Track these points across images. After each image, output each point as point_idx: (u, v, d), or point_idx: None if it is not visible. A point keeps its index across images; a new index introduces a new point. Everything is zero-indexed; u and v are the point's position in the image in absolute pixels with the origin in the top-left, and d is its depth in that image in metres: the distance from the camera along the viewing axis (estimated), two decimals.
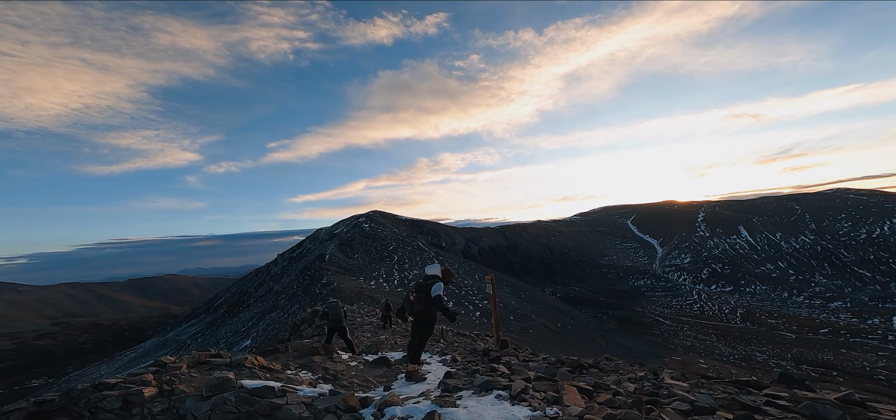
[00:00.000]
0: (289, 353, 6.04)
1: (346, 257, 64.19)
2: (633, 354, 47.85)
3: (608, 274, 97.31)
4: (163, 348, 64.38)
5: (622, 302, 78.19)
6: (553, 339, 44.15)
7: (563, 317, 57.88)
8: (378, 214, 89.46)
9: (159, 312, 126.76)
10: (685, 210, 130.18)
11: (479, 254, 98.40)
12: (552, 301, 69.20)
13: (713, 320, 66.48)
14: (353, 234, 73.07)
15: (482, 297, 52.99)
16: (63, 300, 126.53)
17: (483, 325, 40.43)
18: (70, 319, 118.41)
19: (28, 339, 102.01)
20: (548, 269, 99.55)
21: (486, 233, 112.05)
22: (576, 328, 54.05)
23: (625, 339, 55.69)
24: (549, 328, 48.81)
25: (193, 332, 67.30)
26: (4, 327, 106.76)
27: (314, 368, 4.81)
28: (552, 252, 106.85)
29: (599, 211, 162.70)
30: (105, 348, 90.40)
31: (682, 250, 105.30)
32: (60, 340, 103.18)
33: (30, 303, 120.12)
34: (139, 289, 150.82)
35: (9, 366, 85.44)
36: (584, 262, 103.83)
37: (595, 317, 68.43)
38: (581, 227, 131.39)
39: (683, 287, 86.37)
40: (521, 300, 58.99)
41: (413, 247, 71.86)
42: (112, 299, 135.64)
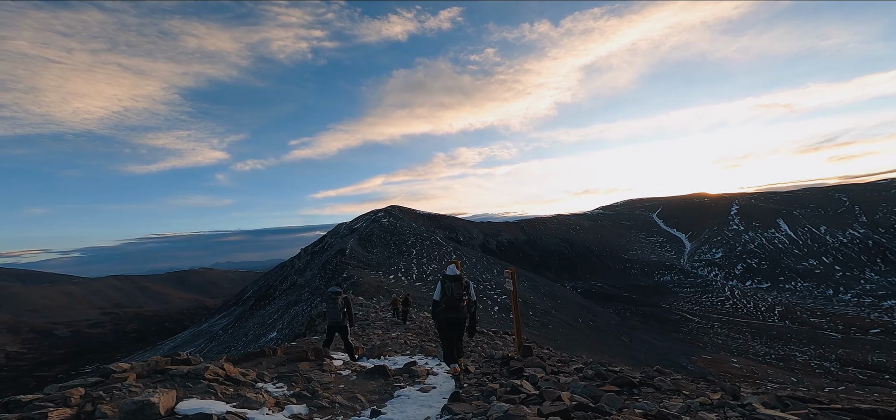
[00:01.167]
0: (275, 357, 5.23)
1: (366, 252, 64.42)
2: (659, 352, 45.22)
3: (632, 269, 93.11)
4: (198, 339, 67.13)
5: (647, 298, 74.52)
6: (574, 336, 42.29)
7: (585, 313, 55.61)
8: (396, 209, 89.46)
9: (195, 304, 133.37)
10: (717, 203, 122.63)
11: (497, 248, 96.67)
12: (573, 296, 66.83)
13: (748, 318, 62.01)
14: (372, 229, 73.30)
15: (501, 292, 51.61)
16: (111, 292, 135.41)
17: (501, 322, 39.17)
18: (117, 310, 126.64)
19: (81, 328, 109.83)
20: (568, 263, 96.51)
21: (504, 227, 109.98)
22: (598, 324, 51.76)
23: (650, 336, 52.86)
24: (570, 324, 46.88)
25: (225, 324, 69.78)
26: (62, 317, 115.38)
27: (294, 380, 3.94)
28: (573, 246, 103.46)
29: (623, 204, 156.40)
30: (148, 338, 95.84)
31: (713, 245, 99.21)
32: (109, 330, 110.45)
33: (82, 294, 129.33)
34: (176, 281, 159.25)
35: (65, 352, 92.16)
36: (606, 256, 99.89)
37: (618, 313, 65.52)
38: (603, 222, 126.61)
39: (714, 283, 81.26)
40: (540, 295, 57.15)
41: (431, 241, 71.24)
42: (153, 291, 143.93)
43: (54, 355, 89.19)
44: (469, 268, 62.70)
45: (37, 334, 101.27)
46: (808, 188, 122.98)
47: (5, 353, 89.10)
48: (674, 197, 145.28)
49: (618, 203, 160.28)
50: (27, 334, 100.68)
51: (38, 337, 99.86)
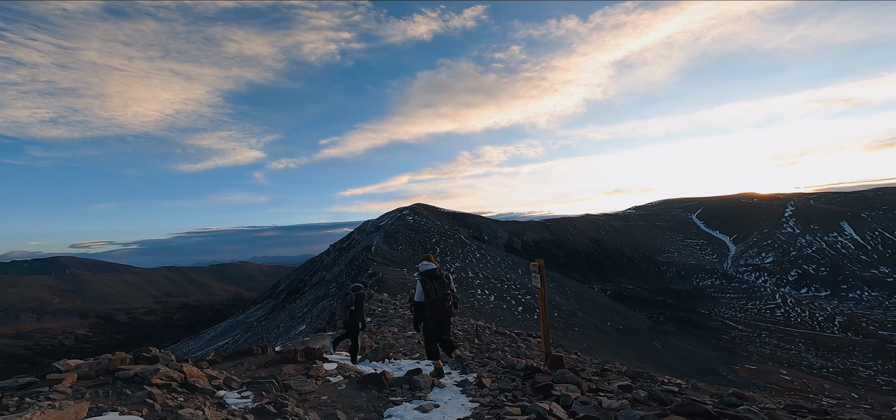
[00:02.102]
0: (262, 357, 4.62)
1: (391, 249, 64.75)
2: (696, 360, 41.66)
3: (667, 272, 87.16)
4: (235, 329, 70.67)
5: (683, 302, 69.34)
6: (602, 339, 39.82)
7: (614, 315, 52.48)
8: (421, 207, 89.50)
9: (233, 296, 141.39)
10: (768, 203, 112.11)
11: (522, 248, 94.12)
12: (601, 298, 63.46)
13: (801, 327, 55.84)
14: (397, 227, 73.68)
15: (525, 292, 49.83)
16: (163, 282, 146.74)
17: (525, 322, 37.62)
18: (168, 299, 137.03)
19: (138, 315, 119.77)
20: (597, 265, 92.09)
21: (529, 226, 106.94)
22: (628, 328, 48.58)
23: (685, 343, 48.91)
24: (598, 327, 44.28)
25: (259, 316, 72.96)
26: (121, 304, 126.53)
27: (266, 388, 3.25)
28: (602, 247, 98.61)
29: (658, 204, 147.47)
30: (193, 326, 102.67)
31: (763, 248, 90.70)
32: (161, 317, 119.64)
33: (139, 283, 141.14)
34: (218, 274, 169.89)
35: (124, 338, 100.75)
36: (638, 258, 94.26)
37: (650, 317, 61.40)
38: (636, 222, 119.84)
39: (763, 289, 74.10)
40: (566, 296, 54.67)
41: (455, 240, 70.44)
42: (198, 282, 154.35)
43: (115, 340, 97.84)
44: (493, 267, 61.28)
45: (101, 319, 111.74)
46: (878, 188, 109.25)
47: (75, 335, 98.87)
48: (716, 197, 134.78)
49: (653, 203, 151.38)
50: (93, 319, 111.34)
51: (101, 322, 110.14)
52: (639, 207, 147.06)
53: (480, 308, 40.46)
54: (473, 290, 48.35)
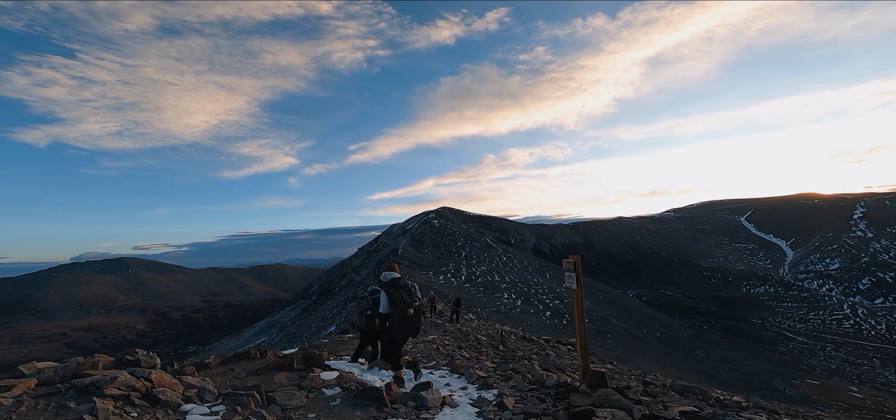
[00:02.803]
0: (258, 361, 4.23)
1: (417, 252, 64.88)
2: (747, 372, 37.59)
3: (711, 278, 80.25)
4: (271, 328, 73.90)
5: (730, 310, 63.34)
6: (638, 347, 37.04)
7: (651, 323, 48.87)
8: (447, 211, 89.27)
9: (270, 296, 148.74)
10: (833, 204, 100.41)
11: (550, 251, 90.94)
12: (636, 305, 59.49)
13: (876, 341, 48.90)
14: (423, 230, 73.84)
15: (553, 296, 47.75)
16: (209, 282, 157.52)
17: (553, 328, 35.86)
18: (213, 298, 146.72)
19: (188, 313, 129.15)
20: (631, 269, 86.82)
21: (558, 229, 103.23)
22: (666, 336, 44.98)
23: (734, 353, 44.42)
24: (633, 334, 41.32)
25: (293, 316, 75.82)
26: (175, 301, 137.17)
27: (244, 402, 2.78)
28: (637, 251, 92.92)
29: (700, 206, 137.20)
30: (234, 324, 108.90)
31: (828, 253, 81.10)
32: (207, 315, 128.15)
33: (189, 283, 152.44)
34: (257, 275, 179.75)
35: (177, 333, 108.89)
36: (678, 263, 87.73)
37: (691, 325, 56.65)
38: (675, 225, 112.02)
39: (827, 298, 66.02)
40: (598, 302, 51.75)
41: (481, 243, 69.36)
42: (240, 283, 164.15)
43: (169, 335, 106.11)
44: (520, 271, 59.48)
45: (157, 315, 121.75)
46: None
47: (136, 330, 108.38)
48: (769, 198, 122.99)
49: (694, 205, 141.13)
50: (151, 315, 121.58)
51: (158, 318, 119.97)
52: (678, 210, 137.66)
53: (507, 312, 39.15)
54: (499, 294, 47.06)
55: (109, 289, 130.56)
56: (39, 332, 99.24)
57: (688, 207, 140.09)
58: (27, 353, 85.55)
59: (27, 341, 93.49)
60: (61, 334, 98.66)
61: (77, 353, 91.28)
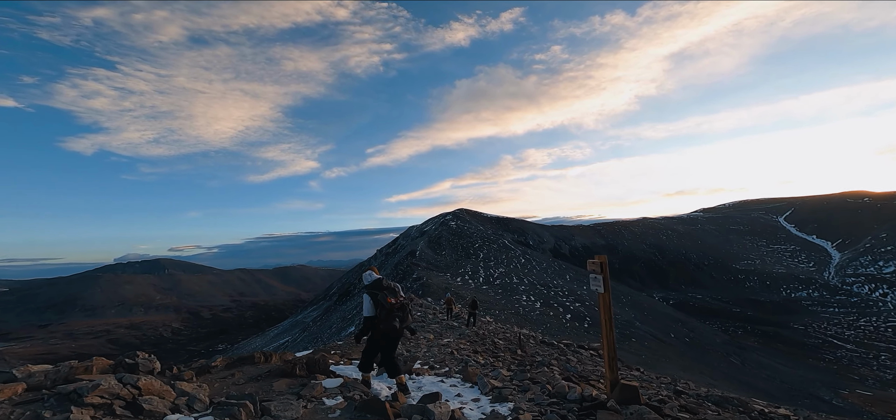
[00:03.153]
0: (260, 366, 4.06)
1: (435, 254, 64.81)
2: (787, 381, 34.80)
3: (747, 281, 75.41)
4: (294, 328, 75.93)
5: (769, 315, 59.18)
6: (664, 352, 35.09)
7: (678, 327, 46.35)
8: (464, 212, 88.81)
9: (293, 297, 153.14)
10: (886, 203, 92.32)
11: (570, 253, 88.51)
12: (663, 308, 56.70)
13: None
14: (440, 232, 73.71)
15: (574, 299, 46.23)
16: (237, 282, 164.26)
17: (574, 332, 34.63)
18: (241, 298, 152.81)
19: (218, 312, 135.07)
20: (657, 272, 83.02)
21: (578, 231, 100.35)
22: (696, 341, 42.45)
23: (772, 360, 41.34)
24: (659, 339, 39.27)
25: (315, 316, 77.60)
26: (206, 301, 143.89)
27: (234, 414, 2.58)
28: (663, 253, 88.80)
29: (732, 206, 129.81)
30: (260, 324, 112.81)
31: (881, 256, 74.48)
32: (235, 314, 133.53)
33: (219, 283, 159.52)
34: (281, 276, 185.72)
35: (208, 331, 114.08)
36: (709, 265, 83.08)
37: (724, 330, 53.31)
38: (705, 226, 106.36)
39: (880, 303, 60.52)
40: (621, 305, 49.70)
41: (498, 245, 68.41)
42: (265, 284, 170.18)
43: (200, 333, 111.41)
44: (538, 273, 58.13)
45: (190, 314, 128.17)
46: None
47: (171, 328, 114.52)
48: (811, 197, 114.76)
49: (726, 205, 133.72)
50: (185, 314, 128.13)
51: (191, 317, 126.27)
52: (708, 210, 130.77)
53: (525, 315, 38.22)
54: (518, 297, 46.08)
55: (148, 288, 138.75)
56: (87, 329, 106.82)
57: (719, 207, 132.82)
58: (76, 348, 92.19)
59: (76, 337, 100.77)
60: (106, 331, 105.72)
61: (119, 349, 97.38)
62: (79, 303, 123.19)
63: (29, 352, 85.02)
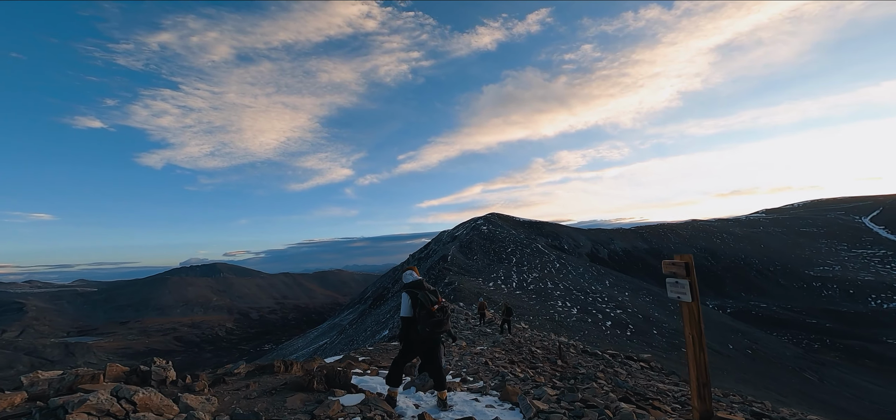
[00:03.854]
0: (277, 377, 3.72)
1: (466, 258, 64.08)
2: (877, 401, 29.54)
3: (824, 289, 66.03)
4: (332, 331, 78.75)
5: (853, 328, 51.19)
6: (722, 364, 31.28)
7: (738, 338, 41.39)
8: (495, 216, 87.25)
9: (331, 300, 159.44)
10: None
11: (608, 257, 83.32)
12: (718, 317, 51.16)
13: None
14: (472, 237, 72.90)
15: (614, 305, 43.10)
16: (281, 286, 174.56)
17: (615, 340, 32.11)
18: (284, 301, 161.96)
19: (265, 314, 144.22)
20: (710, 278, 75.53)
21: (617, 234, 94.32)
22: (761, 353, 37.54)
23: (858, 378, 35.41)
24: (715, 350, 35.20)
25: (351, 319, 79.93)
26: (254, 303, 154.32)
27: None
28: (717, 258, 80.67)
29: (802, 206, 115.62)
30: (301, 325, 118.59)
31: None
32: (279, 316, 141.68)
33: (265, 286, 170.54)
34: (319, 280, 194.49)
35: (256, 331, 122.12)
36: (775, 271, 74.06)
37: (796, 343, 46.84)
38: (768, 228, 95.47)
39: None
40: (667, 312, 45.54)
41: (532, 249, 66.16)
42: (306, 287, 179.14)
43: (250, 333, 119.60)
44: (575, 278, 55.14)
45: (241, 315, 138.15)
46: None
47: (225, 328, 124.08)
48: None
49: (794, 205, 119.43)
50: (237, 315, 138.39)
51: (242, 318, 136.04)
52: (772, 211, 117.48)
53: (561, 321, 36.13)
54: (553, 302, 43.87)
55: (206, 290, 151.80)
56: (158, 326, 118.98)
57: (785, 208, 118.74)
58: (149, 343, 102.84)
59: (149, 333, 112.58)
60: (173, 328, 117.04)
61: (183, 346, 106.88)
62: (152, 302, 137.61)
63: (112, 346, 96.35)
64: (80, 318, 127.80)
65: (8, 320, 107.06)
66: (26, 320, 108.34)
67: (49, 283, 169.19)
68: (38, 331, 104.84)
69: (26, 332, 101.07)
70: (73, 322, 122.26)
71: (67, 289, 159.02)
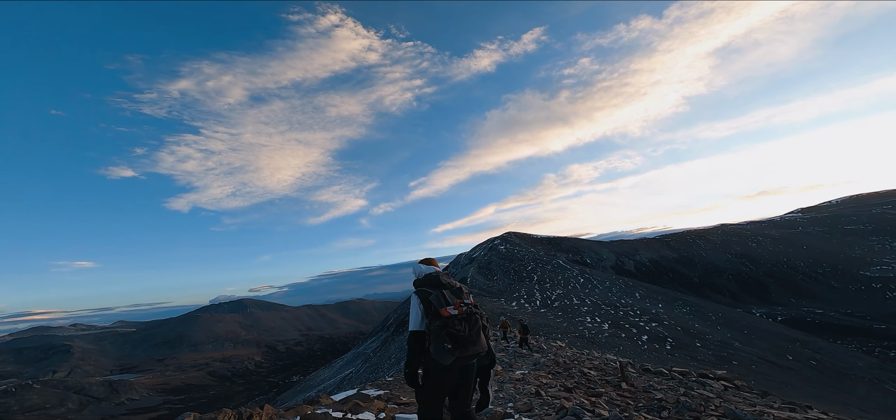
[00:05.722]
0: None
1: (487, 280, 62.39)
2: None
3: (886, 291, 59.17)
4: (357, 359, 77.36)
5: None
6: (783, 377, 27.66)
7: (798, 348, 36.95)
8: (512, 235, 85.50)
9: (354, 329, 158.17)
10: None
11: (635, 269, 78.84)
12: (768, 325, 46.32)
13: None
14: (490, 257, 71.33)
15: (648, 318, 39.95)
16: (305, 318, 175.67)
17: (654, 355, 29.36)
18: (309, 332, 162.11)
19: (291, 346, 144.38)
20: (753, 285, 69.61)
21: (641, 244, 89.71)
22: (827, 364, 33.13)
23: None
24: (771, 361, 31.41)
25: (374, 347, 78.42)
26: (281, 336, 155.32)
27: None
28: (756, 263, 74.71)
29: (842, 203, 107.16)
30: (327, 356, 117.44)
31: None
32: (305, 347, 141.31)
33: (290, 319, 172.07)
34: (341, 310, 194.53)
35: (284, 364, 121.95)
36: (824, 274, 67.48)
37: (867, 351, 41.33)
38: (806, 228, 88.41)
39: None
40: (710, 323, 41.71)
41: (553, 266, 63.73)
42: (328, 318, 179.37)
43: (277, 366, 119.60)
44: (602, 292, 52.12)
45: (269, 348, 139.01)
46: None
47: (254, 361, 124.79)
48: None
49: (832, 202, 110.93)
50: (264, 348, 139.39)
51: (269, 351, 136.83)
52: (808, 209, 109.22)
53: (592, 338, 33.64)
54: (581, 318, 41.25)
55: (235, 326, 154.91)
56: (192, 362, 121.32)
57: (823, 205, 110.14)
58: (184, 379, 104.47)
59: (184, 369, 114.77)
60: (205, 363, 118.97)
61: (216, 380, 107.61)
62: (185, 339, 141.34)
63: (151, 382, 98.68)
64: (122, 357, 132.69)
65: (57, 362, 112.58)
66: (73, 361, 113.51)
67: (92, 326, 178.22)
68: (85, 370, 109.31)
69: (74, 372, 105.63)
70: (115, 361, 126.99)
71: (109, 330, 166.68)
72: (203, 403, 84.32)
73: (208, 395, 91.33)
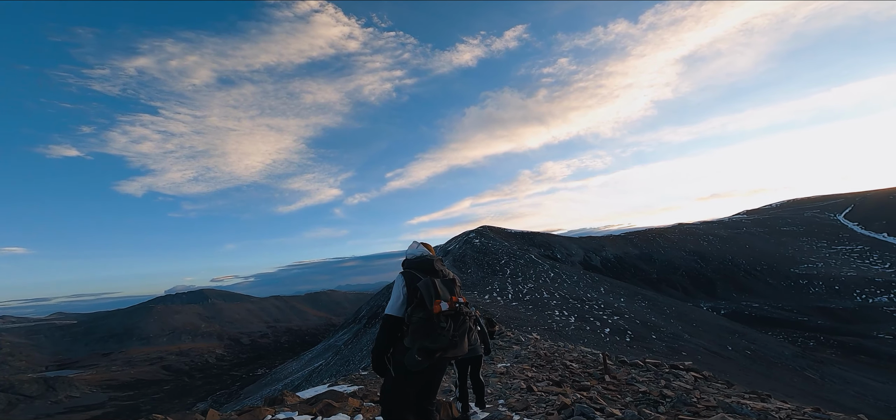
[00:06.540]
0: None
1: (461, 272, 63.27)
2: (880, 396, 29.48)
3: (810, 287, 67.10)
4: (327, 352, 76.00)
5: (844, 324, 51.71)
6: (724, 367, 30.90)
7: (736, 339, 41.25)
8: (487, 229, 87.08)
9: (324, 322, 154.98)
10: None
11: (601, 265, 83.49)
12: (713, 318, 51.17)
13: None
14: (464, 250, 72.30)
15: (611, 312, 42.68)
16: (272, 309, 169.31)
17: (616, 347, 31.50)
18: (276, 324, 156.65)
19: (256, 338, 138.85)
20: (701, 281, 76.13)
21: (608, 241, 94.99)
22: (759, 354, 37.36)
23: (857, 375, 35.41)
24: (714, 352, 34.90)
25: (346, 339, 77.36)
26: (245, 328, 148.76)
27: None
28: (706, 260, 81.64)
29: (780, 206, 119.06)
30: (295, 348, 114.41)
31: None
32: (271, 340, 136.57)
33: (256, 311, 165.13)
34: (311, 302, 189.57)
35: (248, 357, 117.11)
36: (762, 271, 75.17)
37: (792, 341, 46.93)
38: (750, 228, 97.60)
39: None
40: (664, 316, 45.30)
41: (525, 260, 65.83)
42: (297, 310, 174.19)
43: (241, 359, 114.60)
44: (570, 286, 54.81)
45: (232, 341, 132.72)
46: None
47: (215, 355, 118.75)
48: (874, 191, 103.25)
49: (773, 205, 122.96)
50: (227, 341, 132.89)
51: (232, 343, 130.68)
52: (752, 211, 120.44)
53: (560, 331, 35.47)
54: (550, 312, 43.24)
55: (194, 317, 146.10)
56: (143, 356, 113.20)
57: (764, 208, 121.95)
58: (134, 374, 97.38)
59: (134, 364, 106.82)
60: (159, 358, 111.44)
61: (172, 375, 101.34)
62: (136, 332, 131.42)
63: (94, 378, 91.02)
64: (60, 351, 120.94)
65: None
66: (1, 356, 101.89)
67: (24, 318, 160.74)
68: (14, 367, 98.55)
69: (1, 369, 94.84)
70: (52, 356, 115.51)
71: (44, 322, 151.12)
72: (156, 399, 79.39)
73: (162, 390, 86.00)
